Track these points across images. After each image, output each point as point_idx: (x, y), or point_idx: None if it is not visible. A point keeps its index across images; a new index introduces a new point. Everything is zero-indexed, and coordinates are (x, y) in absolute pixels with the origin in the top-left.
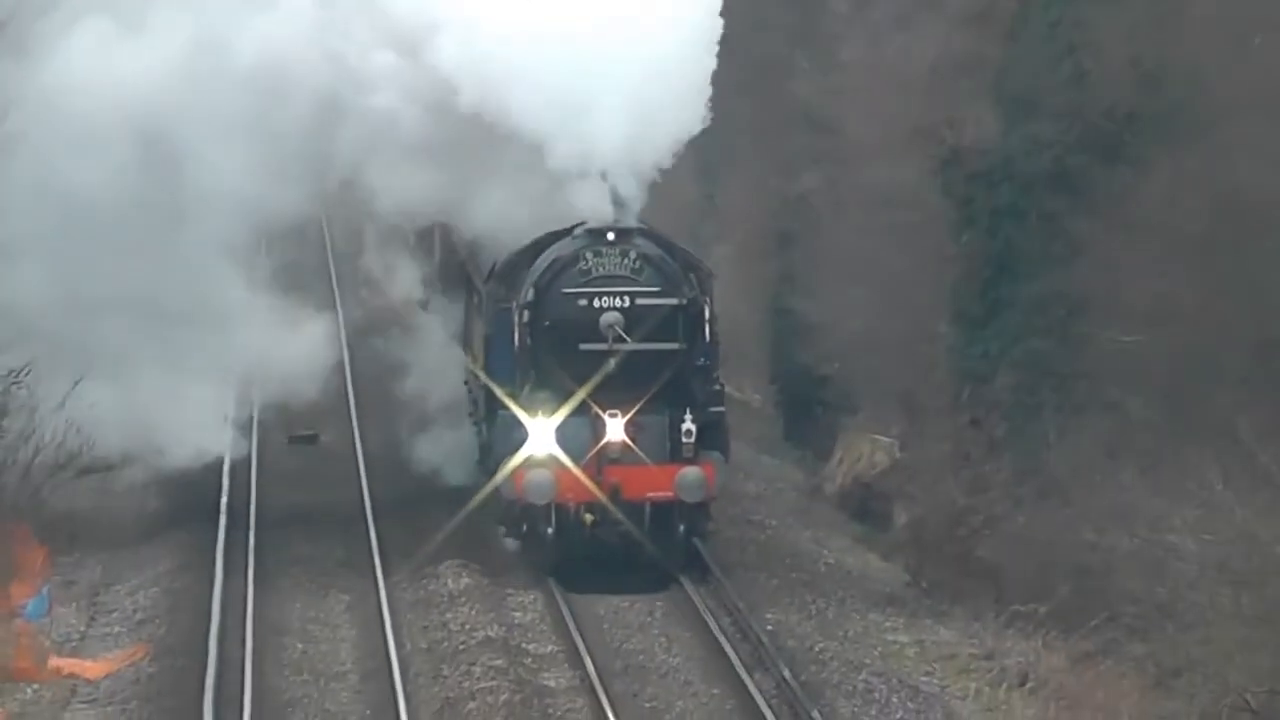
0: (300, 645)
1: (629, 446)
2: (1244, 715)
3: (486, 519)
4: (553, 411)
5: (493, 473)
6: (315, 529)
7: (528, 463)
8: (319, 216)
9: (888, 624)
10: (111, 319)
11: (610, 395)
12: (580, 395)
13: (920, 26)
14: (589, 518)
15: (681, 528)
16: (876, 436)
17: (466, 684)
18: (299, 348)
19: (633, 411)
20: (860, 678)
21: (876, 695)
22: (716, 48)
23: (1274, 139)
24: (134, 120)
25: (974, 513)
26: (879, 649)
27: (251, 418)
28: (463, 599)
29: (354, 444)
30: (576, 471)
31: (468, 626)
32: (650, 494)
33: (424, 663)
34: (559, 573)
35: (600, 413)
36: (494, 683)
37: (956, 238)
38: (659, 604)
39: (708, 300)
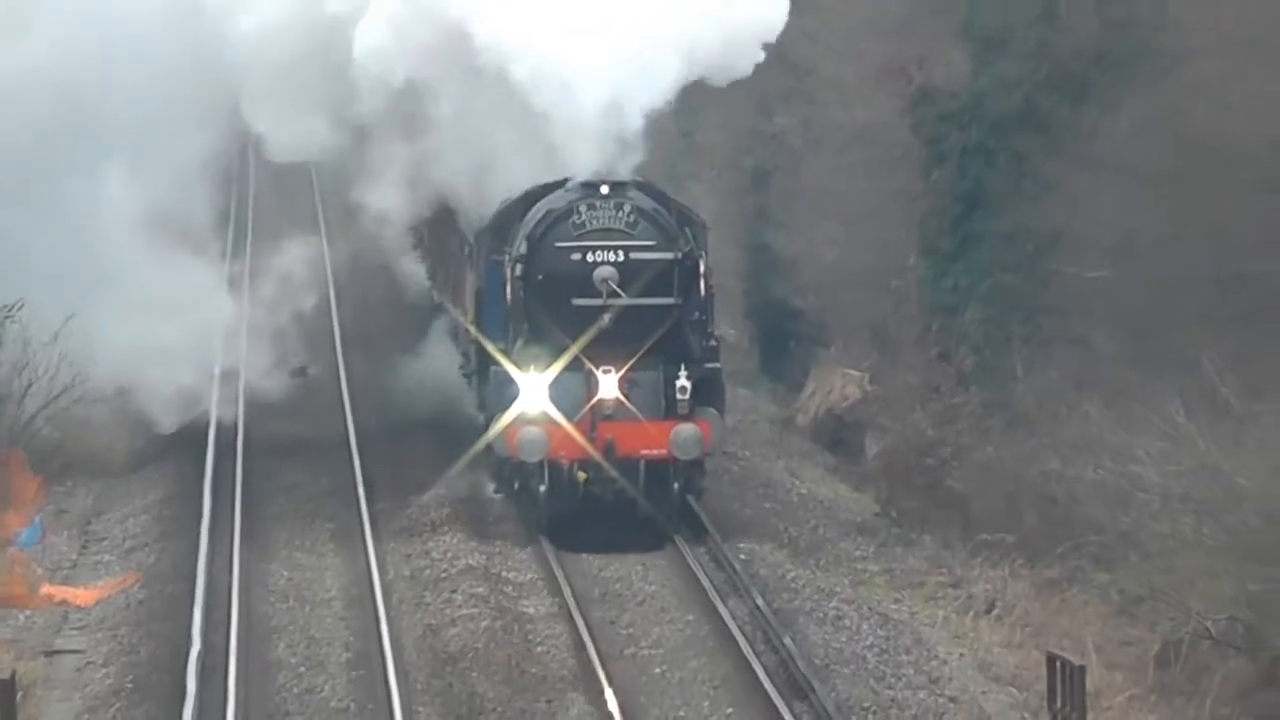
0: (285, 572)
1: (623, 403)
2: (1205, 642)
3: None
4: (545, 367)
5: (486, 425)
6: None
7: (520, 419)
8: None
9: (858, 552)
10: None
11: (604, 351)
12: (574, 351)
13: None
14: (582, 475)
15: (676, 485)
16: (848, 370)
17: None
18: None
19: (627, 367)
20: (831, 605)
21: (847, 622)
22: None
23: (1235, 79)
24: None
25: (942, 444)
26: (849, 577)
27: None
28: (444, 528)
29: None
30: (570, 428)
31: (449, 555)
32: (645, 451)
33: (406, 589)
34: (553, 530)
35: (594, 369)
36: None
37: (927, 175)
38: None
39: (703, 254)
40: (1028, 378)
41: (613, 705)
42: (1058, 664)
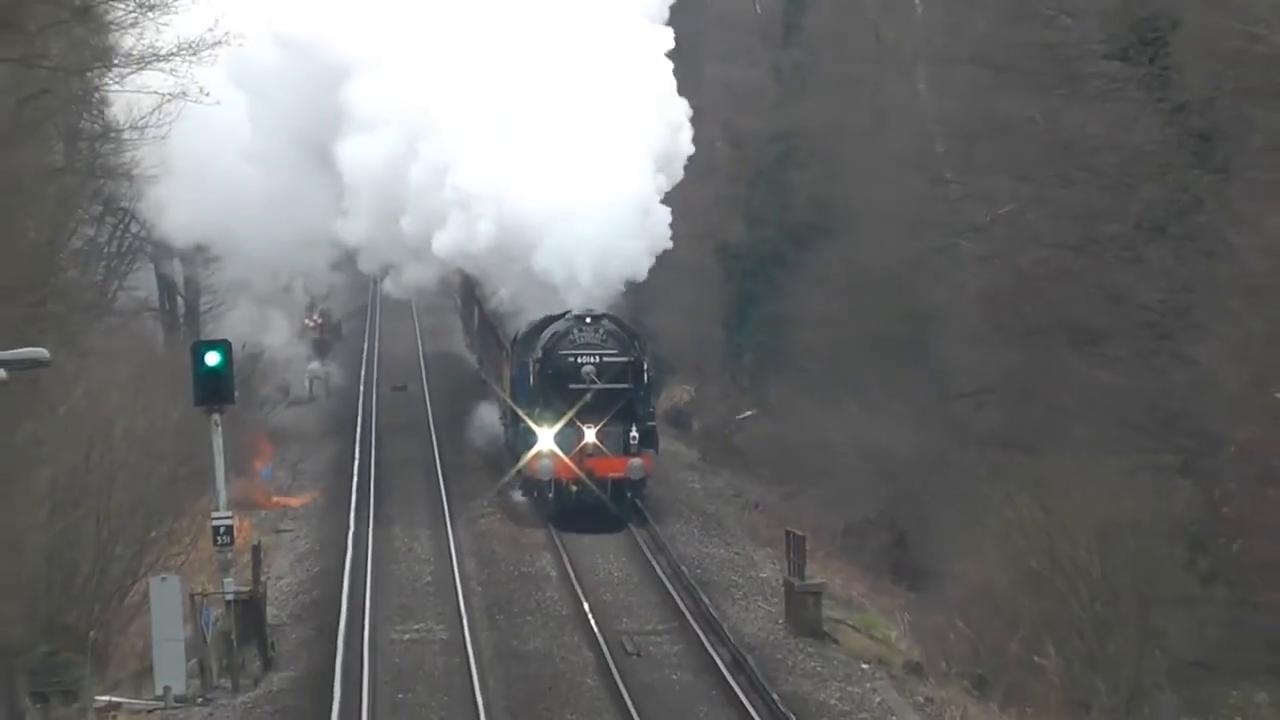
0: (396, 478)
1: (599, 446)
2: (867, 524)
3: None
4: (553, 424)
5: (517, 459)
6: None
7: (537, 455)
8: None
9: (688, 477)
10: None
11: (588, 415)
12: (569, 415)
13: (707, 181)
14: (574, 489)
15: (629, 494)
16: (684, 385)
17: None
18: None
19: (601, 424)
20: (674, 504)
21: (681, 513)
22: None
23: (885, 238)
24: None
25: (732, 423)
26: (684, 490)
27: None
28: (491, 514)
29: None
30: (567, 460)
31: (493, 528)
32: (611, 474)
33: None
34: (556, 520)
35: (581, 425)
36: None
37: (725, 286)
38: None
39: (647, 358)
40: (775, 389)
41: (579, 590)
42: (790, 535)
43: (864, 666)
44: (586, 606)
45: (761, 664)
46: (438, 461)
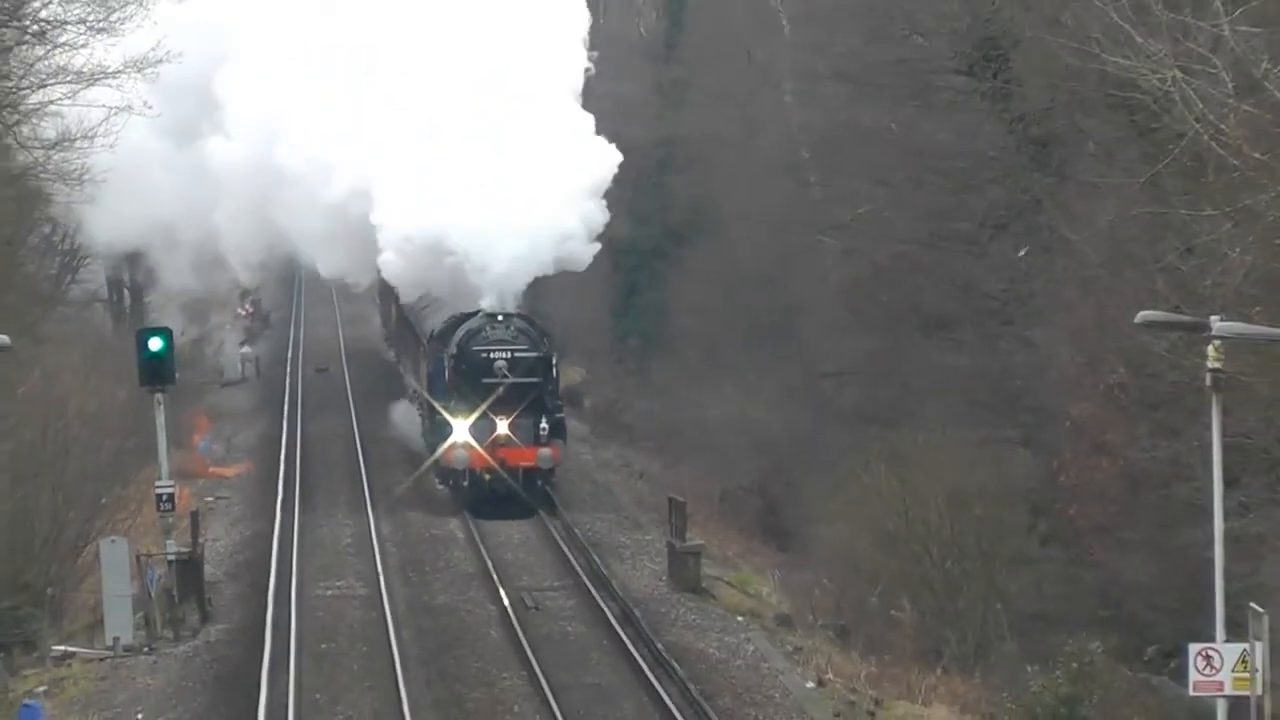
0: (320, 450)
1: (511, 437)
2: (742, 491)
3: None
4: (467, 416)
5: (433, 450)
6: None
7: (452, 446)
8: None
9: (580, 449)
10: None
11: (500, 407)
12: (483, 408)
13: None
14: (488, 477)
15: (539, 482)
16: (576, 367)
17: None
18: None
19: (513, 416)
20: (567, 474)
21: (574, 482)
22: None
23: (756, 235)
24: None
25: (620, 400)
26: (577, 461)
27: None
28: (409, 504)
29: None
30: (481, 451)
31: (412, 518)
32: (523, 464)
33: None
34: (471, 507)
35: (494, 417)
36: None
37: (612, 277)
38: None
39: (555, 354)
40: (658, 369)
41: (483, 551)
42: (672, 502)
43: (739, 619)
44: (490, 565)
45: (647, 617)
46: (356, 434)
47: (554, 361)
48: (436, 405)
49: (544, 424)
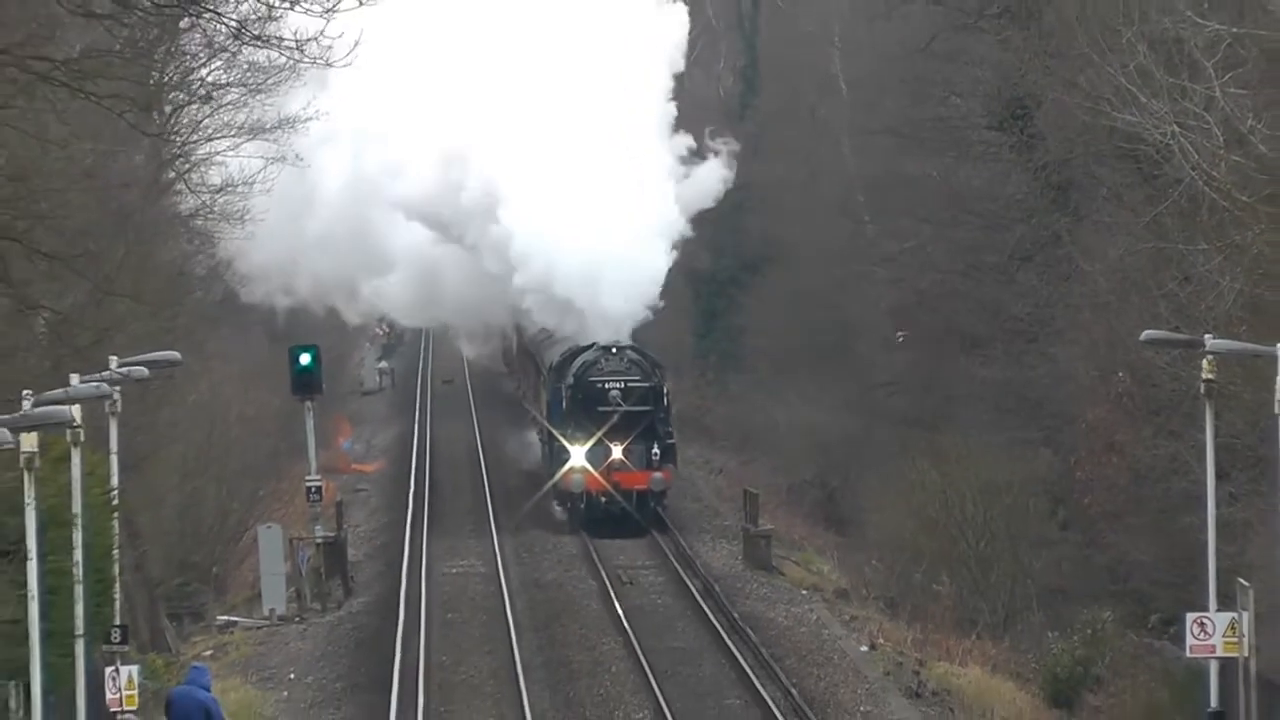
0: (446, 450)
1: (625, 462)
2: (805, 483)
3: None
4: (584, 443)
5: (552, 474)
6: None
7: (570, 470)
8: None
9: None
10: None
11: (615, 434)
12: (599, 435)
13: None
14: (603, 500)
15: (651, 504)
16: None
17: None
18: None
19: (627, 442)
20: (689, 491)
21: (687, 489)
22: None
23: (817, 266)
24: None
25: (701, 407)
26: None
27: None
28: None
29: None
30: (597, 475)
31: (534, 536)
32: (636, 487)
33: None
34: (587, 527)
35: (609, 443)
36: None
37: (694, 303)
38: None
39: (665, 384)
40: (733, 382)
41: (584, 535)
42: (746, 493)
43: (803, 592)
44: (590, 548)
45: (725, 590)
46: (477, 434)
47: (665, 390)
48: (555, 432)
49: (655, 449)
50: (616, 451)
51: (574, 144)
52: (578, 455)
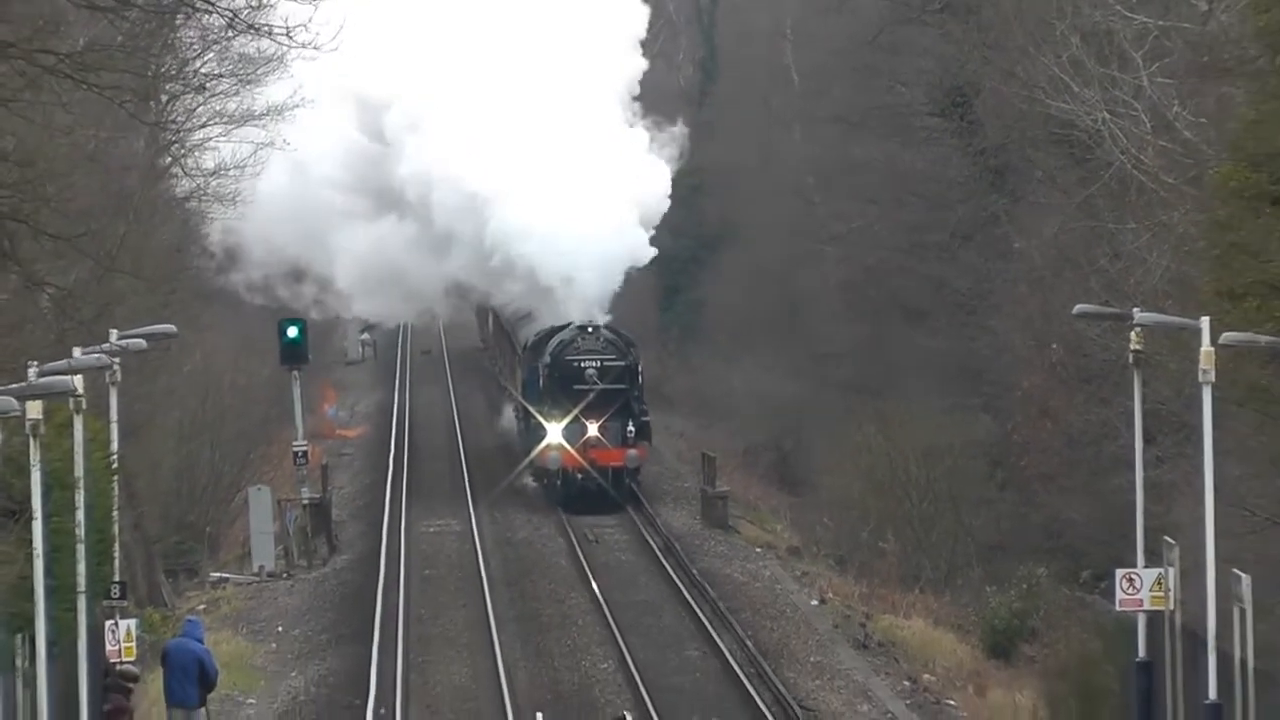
0: (424, 410)
1: (601, 439)
2: (758, 446)
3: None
4: (560, 420)
5: (528, 451)
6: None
7: (547, 447)
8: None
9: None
10: None
11: (591, 412)
12: (575, 412)
13: None
14: (579, 476)
15: (626, 480)
16: None
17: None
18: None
19: (603, 420)
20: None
21: (656, 467)
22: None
23: (771, 245)
24: None
25: (666, 374)
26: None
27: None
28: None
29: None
30: (573, 452)
31: (510, 513)
32: (611, 464)
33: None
34: (564, 504)
35: (585, 421)
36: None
37: (657, 279)
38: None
39: (639, 363)
40: (693, 352)
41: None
42: (704, 456)
43: (758, 550)
44: (559, 510)
45: (685, 548)
46: (453, 399)
47: (639, 369)
48: (532, 410)
49: (630, 427)
50: (592, 429)
51: (547, 124)
52: (554, 433)
